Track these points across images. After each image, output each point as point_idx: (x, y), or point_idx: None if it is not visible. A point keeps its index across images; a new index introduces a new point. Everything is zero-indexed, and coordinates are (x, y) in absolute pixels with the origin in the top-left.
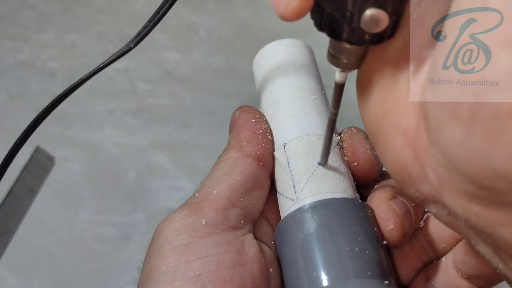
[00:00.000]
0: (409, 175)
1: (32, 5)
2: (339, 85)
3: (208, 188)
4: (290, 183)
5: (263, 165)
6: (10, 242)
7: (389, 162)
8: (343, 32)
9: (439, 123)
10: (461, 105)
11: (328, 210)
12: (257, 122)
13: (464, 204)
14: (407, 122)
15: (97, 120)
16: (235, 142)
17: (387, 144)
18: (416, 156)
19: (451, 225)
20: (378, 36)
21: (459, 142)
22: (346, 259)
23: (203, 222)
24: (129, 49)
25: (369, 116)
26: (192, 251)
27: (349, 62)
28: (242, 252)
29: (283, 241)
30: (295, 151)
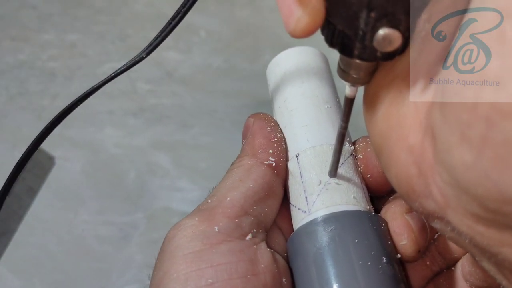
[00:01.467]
0: (414, 191)
1: (32, 5)
2: (349, 99)
3: (221, 194)
4: (302, 194)
5: (277, 174)
6: (10, 242)
7: (393, 176)
8: (355, 49)
9: (447, 145)
10: (472, 128)
11: (341, 223)
12: (272, 130)
13: (469, 223)
14: (412, 138)
15: (97, 120)
16: (250, 149)
17: (392, 158)
18: (421, 173)
19: (455, 241)
20: (390, 54)
21: (468, 164)
22: (358, 273)
23: (216, 229)
24: (140, 59)
25: (375, 130)
26: (204, 259)
27: (359, 77)
28: (255, 261)
29: (296, 252)
30: (308, 162)
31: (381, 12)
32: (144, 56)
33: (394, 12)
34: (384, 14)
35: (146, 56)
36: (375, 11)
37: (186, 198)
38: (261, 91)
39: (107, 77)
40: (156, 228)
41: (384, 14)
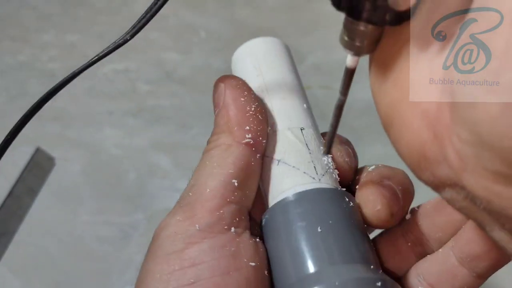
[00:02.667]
0: (426, 158)
1: (32, 5)
2: (350, 70)
3: (201, 184)
4: (310, 162)
5: (255, 150)
6: (10, 242)
7: (405, 145)
8: (364, 11)
9: (472, 99)
10: (502, 75)
11: (314, 202)
12: (246, 100)
13: (487, 184)
14: (427, 102)
15: (97, 120)
16: (225, 124)
17: (404, 126)
18: (436, 136)
19: (466, 210)
20: (399, 16)
21: (495, 115)
22: (333, 246)
23: (197, 227)
24: (125, 41)
25: (385, 100)
26: (186, 258)
27: (363, 46)
28: (237, 255)
29: (269, 232)
30: (312, 140)
31: None
32: (128, 38)
33: None
34: None
35: (130, 38)
36: None
37: None
38: None
39: (90, 59)
40: None
41: None
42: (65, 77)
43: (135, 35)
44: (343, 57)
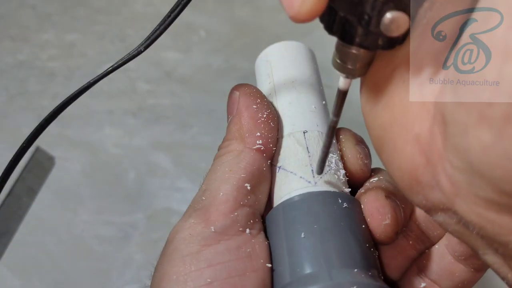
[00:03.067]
0: (419, 182)
1: (32, 5)
2: (342, 92)
3: (214, 188)
4: (308, 166)
5: (266, 156)
6: (10, 242)
7: (396, 169)
8: (357, 36)
9: (463, 128)
10: (493, 107)
11: (316, 204)
12: (258, 108)
13: (480, 211)
14: (419, 127)
15: (97, 120)
16: (237, 131)
17: (396, 150)
18: (428, 162)
19: (459, 234)
20: (392, 41)
21: (486, 146)
22: (332, 249)
23: (212, 229)
24: (138, 53)
25: (376, 123)
26: (203, 259)
27: (355, 69)
28: (253, 256)
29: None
30: (315, 142)
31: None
32: (142, 50)
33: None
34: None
35: (144, 49)
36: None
37: (185, 198)
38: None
39: (104, 71)
40: (156, 228)
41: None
42: (79, 88)
43: (148, 47)
44: None
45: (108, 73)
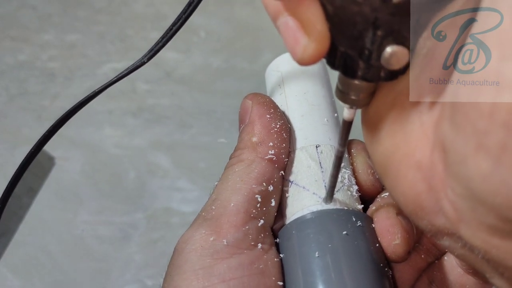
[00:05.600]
0: (422, 208)
1: (32, 5)
2: (347, 122)
3: (224, 199)
4: (320, 182)
5: (277, 167)
6: (10, 242)
7: (400, 195)
8: (358, 70)
9: (461, 156)
10: (489, 136)
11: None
12: (271, 118)
13: (484, 237)
14: (420, 154)
15: (97, 120)
16: (249, 140)
17: (399, 177)
18: (431, 188)
19: (466, 258)
20: (393, 73)
21: (485, 174)
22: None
23: (225, 242)
24: (142, 63)
25: (378, 150)
26: (216, 274)
27: (359, 99)
28: (265, 273)
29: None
30: (328, 157)
31: (388, 29)
32: (145, 61)
33: (400, 29)
34: (391, 31)
35: (147, 60)
36: (382, 28)
37: (185, 198)
38: (260, 91)
39: (109, 81)
40: (156, 228)
41: (391, 31)
42: (84, 97)
43: (151, 58)
44: None
45: (113, 83)
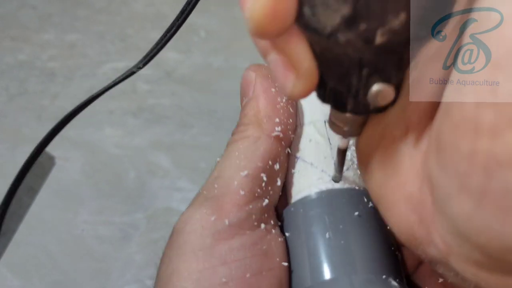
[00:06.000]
0: (415, 238)
1: (32, 5)
2: (341, 150)
3: (228, 176)
4: (329, 158)
5: (285, 145)
6: (10, 242)
7: (394, 224)
8: (348, 105)
9: (446, 194)
10: (471, 178)
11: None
12: (277, 92)
13: (472, 270)
14: (410, 186)
15: (97, 120)
16: (253, 116)
17: (392, 207)
18: (421, 220)
19: (460, 285)
20: (383, 107)
21: (468, 214)
22: (351, 254)
23: (227, 222)
24: (138, 69)
25: (372, 180)
26: (217, 256)
27: (351, 130)
28: (269, 254)
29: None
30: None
31: (373, 68)
32: (141, 66)
33: (385, 67)
34: (375, 70)
35: (143, 66)
36: (367, 68)
37: (186, 198)
38: None
39: (113, 81)
40: (156, 228)
41: (375, 70)
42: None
43: (147, 64)
44: None
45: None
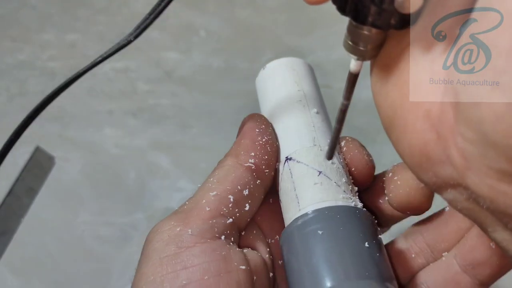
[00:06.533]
0: (429, 158)
1: (32, 5)
2: (353, 75)
3: (198, 196)
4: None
5: (257, 177)
6: (10, 242)
7: (406, 147)
8: (369, 15)
9: (476, 97)
10: (507, 74)
11: (330, 218)
12: (260, 132)
13: (492, 183)
14: (429, 103)
15: (97, 120)
16: (234, 149)
17: (406, 128)
18: (439, 137)
19: (468, 211)
20: (404, 20)
21: (500, 114)
22: (348, 261)
23: (190, 232)
24: (128, 42)
25: (386, 102)
26: (179, 261)
27: (367, 50)
28: (227, 259)
29: (288, 248)
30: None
31: None
32: (132, 39)
33: None
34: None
35: (134, 39)
36: None
37: (186, 199)
38: None
39: (94, 60)
40: None
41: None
42: (68, 78)
43: (138, 36)
44: (343, 57)
45: (97, 63)
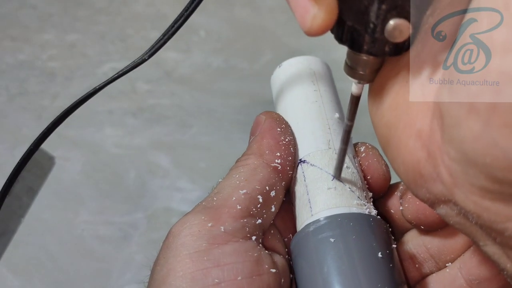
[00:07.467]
0: (421, 175)
1: (32, 5)
2: (355, 97)
3: (227, 193)
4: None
5: (282, 177)
6: (10, 242)
7: (401, 164)
8: (365, 44)
9: (456, 119)
10: (480, 98)
11: (343, 226)
12: (282, 131)
13: (476, 199)
14: (420, 123)
15: (97, 120)
16: (257, 148)
17: (400, 146)
18: (429, 155)
19: (460, 225)
20: (397, 48)
21: (476, 135)
22: (360, 273)
23: (222, 229)
24: (143, 61)
25: (382, 121)
26: (210, 258)
27: (366, 74)
28: (259, 262)
29: (299, 253)
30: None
31: (391, 4)
32: (146, 58)
33: (403, 4)
34: (394, 6)
35: (148, 58)
36: (386, 3)
37: (186, 198)
38: (260, 91)
39: (109, 78)
40: (156, 228)
41: (394, 6)
42: (85, 94)
43: (152, 56)
44: (343, 57)
45: (113, 81)
